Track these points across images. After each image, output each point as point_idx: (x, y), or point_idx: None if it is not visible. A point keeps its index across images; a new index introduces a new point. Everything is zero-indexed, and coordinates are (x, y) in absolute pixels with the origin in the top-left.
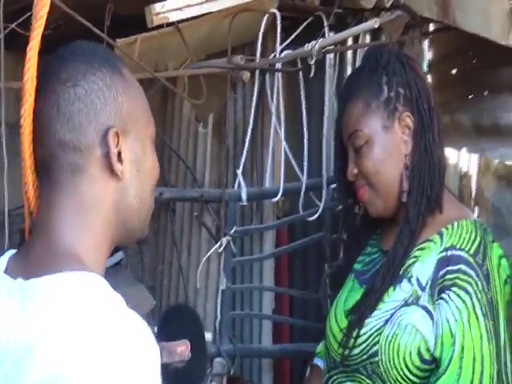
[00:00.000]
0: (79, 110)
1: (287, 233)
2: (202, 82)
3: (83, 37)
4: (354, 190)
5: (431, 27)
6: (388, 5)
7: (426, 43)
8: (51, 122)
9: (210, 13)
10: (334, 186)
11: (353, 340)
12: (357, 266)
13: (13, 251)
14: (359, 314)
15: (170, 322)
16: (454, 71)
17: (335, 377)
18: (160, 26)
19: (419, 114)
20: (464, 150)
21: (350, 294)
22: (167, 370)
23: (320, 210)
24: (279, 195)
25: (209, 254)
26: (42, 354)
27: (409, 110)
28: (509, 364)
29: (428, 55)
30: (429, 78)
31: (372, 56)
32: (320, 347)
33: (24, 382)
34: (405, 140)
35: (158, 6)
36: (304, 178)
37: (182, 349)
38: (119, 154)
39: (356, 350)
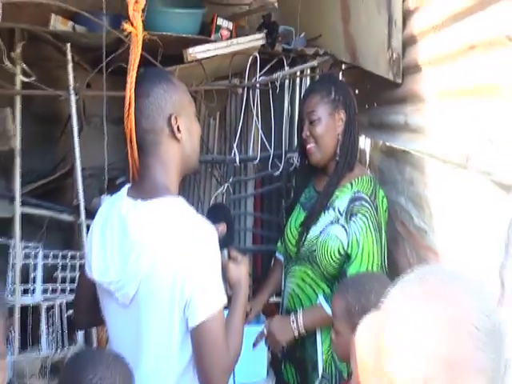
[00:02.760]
0: (152, 109)
1: (261, 182)
2: (214, 93)
3: (148, 65)
4: (305, 145)
5: (343, 66)
6: (321, 53)
7: (340, 74)
8: (138, 119)
9: (220, 54)
10: (289, 155)
11: (301, 242)
12: (301, 199)
13: (128, 185)
14: (305, 227)
15: (214, 212)
16: (356, 91)
17: (290, 264)
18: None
19: (349, 114)
20: (363, 136)
21: (298, 215)
22: None
23: (280, 169)
24: (257, 160)
25: (216, 193)
26: (159, 242)
27: (344, 109)
28: (385, 258)
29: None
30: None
31: (327, 75)
32: (279, 245)
33: (148, 257)
34: (339, 125)
35: (190, 50)
36: (271, 150)
37: (222, 228)
38: (178, 127)
39: (303, 249)
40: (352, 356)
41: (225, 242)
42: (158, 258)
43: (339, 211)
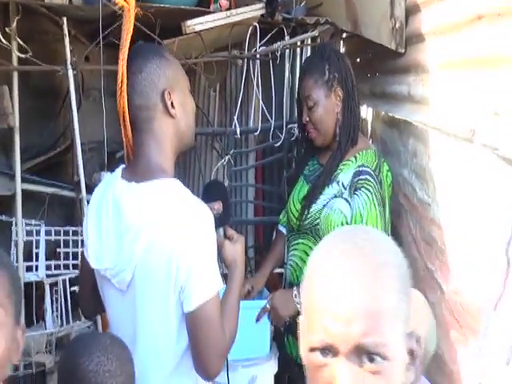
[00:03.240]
0: (145, 85)
1: (262, 153)
2: (214, 65)
3: (146, 38)
4: (306, 130)
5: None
6: (322, 22)
7: (342, 43)
8: (131, 95)
9: (219, 25)
10: (290, 126)
11: (304, 216)
12: (305, 172)
13: (123, 166)
14: (308, 201)
15: (209, 190)
16: (358, 60)
17: (293, 237)
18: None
19: (346, 89)
20: (364, 105)
21: (301, 188)
22: None
23: (281, 140)
24: (258, 131)
25: (217, 165)
26: (153, 225)
27: (340, 86)
28: (389, 233)
29: (343, 50)
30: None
31: (320, 50)
32: (281, 217)
33: (142, 241)
34: (337, 104)
35: (188, 22)
36: (272, 121)
37: (218, 206)
38: (172, 103)
39: (306, 222)
40: None
41: (221, 221)
42: (152, 242)
43: (343, 185)
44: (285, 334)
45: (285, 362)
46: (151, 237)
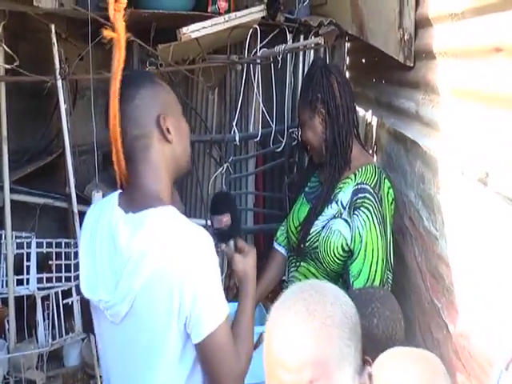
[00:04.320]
0: (139, 112)
1: (262, 159)
2: (212, 70)
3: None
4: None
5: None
6: (326, 23)
7: (347, 45)
8: (125, 125)
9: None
10: (291, 130)
11: (304, 239)
12: (306, 189)
13: (119, 191)
14: (307, 225)
15: (217, 202)
16: (363, 60)
17: (293, 258)
18: None
19: (327, 109)
20: (370, 111)
21: (301, 207)
22: (218, 232)
23: (282, 145)
24: (258, 137)
25: (216, 174)
26: (152, 257)
27: (322, 106)
28: (391, 253)
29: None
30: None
31: (310, 68)
32: (279, 235)
33: (140, 275)
34: (321, 123)
35: (184, 29)
36: (273, 126)
37: (226, 219)
38: (167, 128)
39: (306, 245)
40: None
41: (230, 234)
42: (152, 274)
43: (342, 204)
44: None
45: None
46: (150, 270)
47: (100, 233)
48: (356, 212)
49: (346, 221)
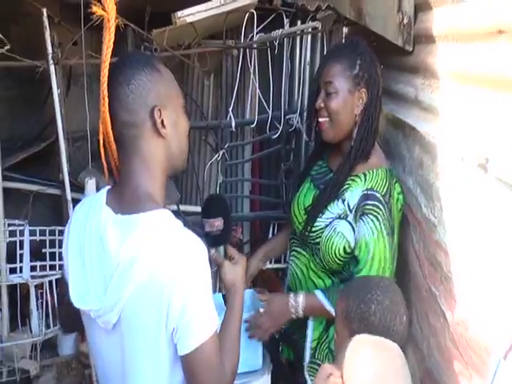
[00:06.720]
0: (133, 99)
1: (259, 146)
2: (207, 56)
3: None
4: (317, 118)
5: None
6: (324, 7)
7: (344, 30)
8: (117, 109)
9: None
10: (288, 116)
11: (309, 228)
12: (312, 172)
13: (107, 187)
14: (313, 214)
15: (210, 205)
16: None
17: (295, 242)
18: None
19: (371, 96)
20: None
21: (308, 191)
22: (209, 236)
23: (279, 132)
24: (255, 123)
25: (211, 160)
26: (142, 265)
27: (366, 89)
28: (395, 262)
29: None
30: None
31: (354, 41)
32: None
33: (130, 283)
34: (358, 105)
35: (179, 13)
36: (270, 112)
37: (219, 223)
38: (162, 122)
39: (309, 235)
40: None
41: (221, 238)
42: (141, 283)
43: (349, 206)
44: (279, 341)
45: (278, 372)
46: (140, 276)
47: (88, 235)
48: (363, 218)
49: (351, 224)
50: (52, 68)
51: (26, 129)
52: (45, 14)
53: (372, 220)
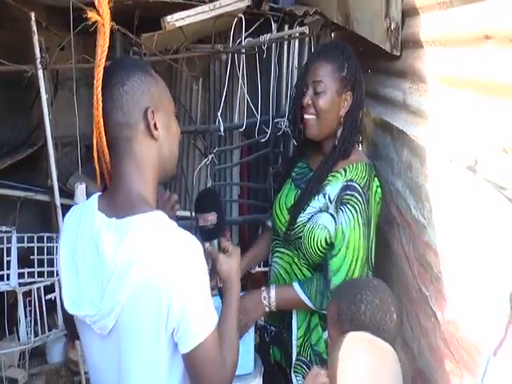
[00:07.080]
0: (127, 100)
1: (247, 150)
2: (196, 60)
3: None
4: (302, 116)
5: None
6: (311, 12)
7: (332, 34)
8: (110, 110)
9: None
10: (276, 120)
11: (291, 227)
12: (293, 174)
13: (98, 193)
14: (295, 212)
15: (203, 200)
16: None
17: (277, 243)
18: None
19: (355, 99)
20: None
21: (289, 192)
22: (203, 230)
23: (268, 136)
24: (243, 127)
25: (200, 165)
26: (138, 267)
27: (351, 92)
28: (373, 253)
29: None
30: None
31: (341, 44)
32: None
33: (127, 286)
34: (343, 106)
35: (168, 18)
36: (258, 116)
37: (212, 217)
38: (155, 124)
39: (291, 232)
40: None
41: (215, 232)
42: (139, 286)
43: (329, 198)
44: (270, 344)
45: (270, 374)
46: (138, 279)
47: (81, 241)
48: (342, 207)
49: (332, 215)
50: (40, 73)
51: (13, 134)
52: (33, 18)
53: (350, 210)
